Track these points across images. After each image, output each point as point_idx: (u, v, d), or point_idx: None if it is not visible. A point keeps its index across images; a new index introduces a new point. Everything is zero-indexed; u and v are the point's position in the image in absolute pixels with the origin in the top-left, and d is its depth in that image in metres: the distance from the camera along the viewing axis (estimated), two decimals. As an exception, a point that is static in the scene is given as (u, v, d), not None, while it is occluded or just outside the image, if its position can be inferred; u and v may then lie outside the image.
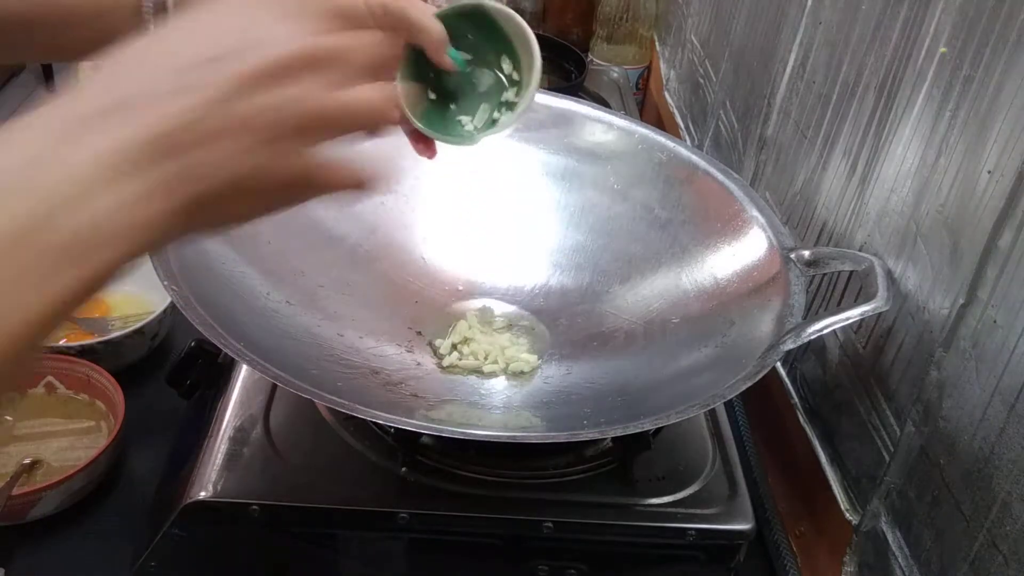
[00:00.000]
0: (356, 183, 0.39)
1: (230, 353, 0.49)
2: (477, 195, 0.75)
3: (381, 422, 0.57)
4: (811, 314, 0.68)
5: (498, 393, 0.64)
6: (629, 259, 0.71)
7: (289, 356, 0.57)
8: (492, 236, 0.74)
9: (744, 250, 0.65)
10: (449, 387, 0.63)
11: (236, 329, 0.53)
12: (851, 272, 0.62)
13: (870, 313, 0.54)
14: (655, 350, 0.65)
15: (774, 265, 0.62)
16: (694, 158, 0.71)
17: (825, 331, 0.54)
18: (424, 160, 0.74)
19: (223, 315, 0.53)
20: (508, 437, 0.53)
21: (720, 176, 0.70)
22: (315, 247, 0.68)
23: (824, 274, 0.65)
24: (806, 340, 0.54)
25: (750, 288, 0.63)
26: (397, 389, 0.61)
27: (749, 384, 0.52)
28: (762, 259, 0.64)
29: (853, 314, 0.54)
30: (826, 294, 0.67)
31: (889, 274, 0.57)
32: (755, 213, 0.66)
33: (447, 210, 0.74)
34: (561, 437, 0.56)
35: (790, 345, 0.54)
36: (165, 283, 0.52)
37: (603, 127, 0.75)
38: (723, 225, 0.68)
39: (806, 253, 0.62)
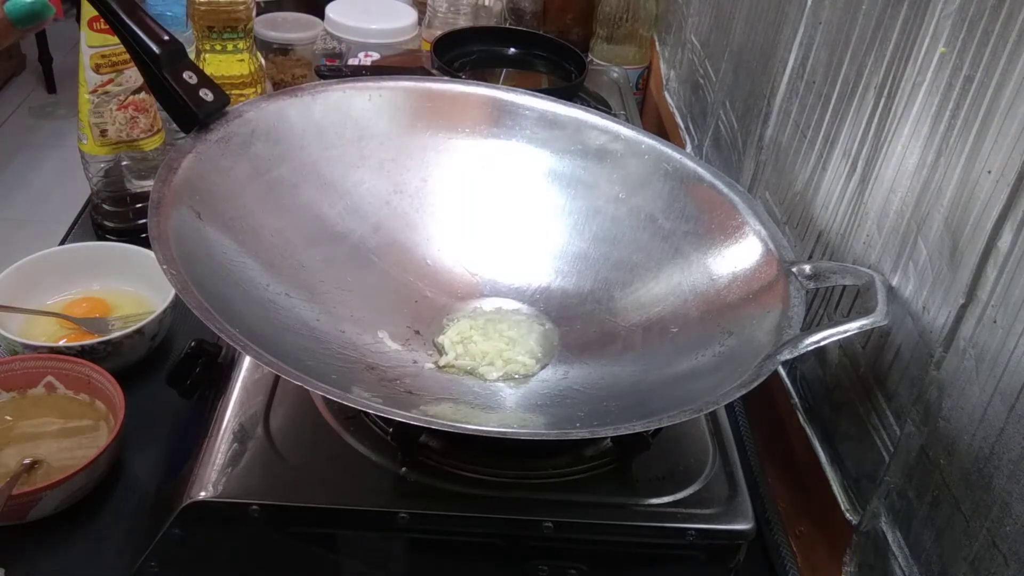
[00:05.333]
0: None
1: (225, 338, 0.49)
2: (482, 198, 0.75)
3: (370, 411, 0.58)
4: (810, 314, 0.69)
5: (493, 394, 0.64)
6: (631, 268, 0.71)
7: (285, 347, 0.57)
8: (495, 239, 0.75)
9: (745, 263, 0.66)
10: (445, 386, 0.63)
11: (233, 317, 0.52)
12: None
13: (868, 327, 0.54)
14: (653, 357, 0.65)
15: (775, 278, 0.62)
16: (699, 170, 0.71)
17: (822, 343, 0.54)
18: (431, 162, 0.74)
19: (221, 302, 0.53)
20: (498, 433, 0.53)
21: (724, 188, 0.70)
22: (317, 242, 0.68)
23: (825, 288, 0.65)
24: (803, 352, 0.54)
25: (750, 300, 0.63)
26: (392, 385, 0.61)
27: (743, 392, 0.52)
28: (763, 272, 0.64)
29: (851, 327, 0.54)
30: (826, 294, 0.67)
31: (890, 289, 0.57)
32: (758, 226, 0.66)
33: (451, 212, 0.74)
34: (551, 435, 0.56)
35: (787, 356, 0.54)
36: (164, 267, 0.52)
37: (609, 136, 0.75)
38: (725, 237, 0.68)
39: (807, 267, 0.62)
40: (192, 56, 0.95)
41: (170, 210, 0.57)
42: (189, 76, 0.63)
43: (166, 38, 0.63)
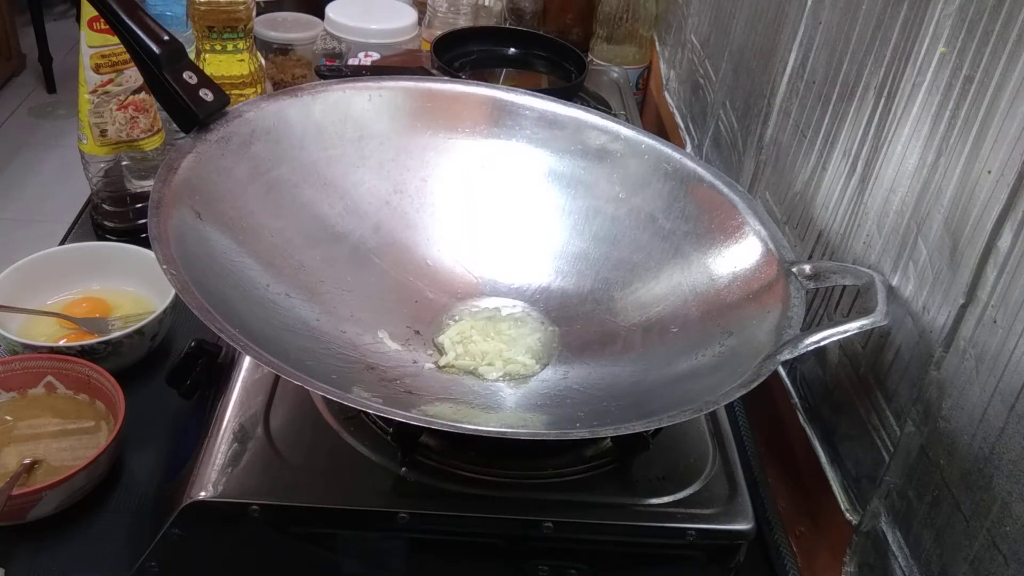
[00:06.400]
0: None
1: (225, 338, 0.49)
2: (482, 198, 0.75)
3: (370, 411, 0.57)
4: (810, 314, 0.69)
5: (493, 394, 0.64)
6: (631, 267, 0.71)
7: (285, 347, 0.57)
8: (495, 239, 0.75)
9: (745, 263, 0.66)
10: (445, 386, 0.63)
11: (233, 317, 0.52)
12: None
13: (868, 327, 0.54)
14: (653, 357, 0.65)
15: (775, 278, 0.62)
16: (699, 169, 0.71)
17: (822, 343, 0.54)
18: (431, 161, 0.74)
19: (221, 303, 0.53)
20: (498, 433, 0.53)
21: (724, 188, 0.70)
22: (318, 242, 0.68)
23: (825, 287, 0.65)
24: (803, 352, 0.54)
25: (750, 300, 0.63)
26: (392, 385, 0.61)
27: (743, 392, 0.52)
28: (763, 272, 0.64)
29: (851, 327, 0.54)
30: (826, 294, 0.67)
31: (890, 289, 0.57)
32: (758, 226, 0.66)
33: (451, 212, 0.74)
34: (551, 435, 0.56)
35: (787, 356, 0.54)
36: (164, 267, 0.52)
37: (609, 136, 0.75)
38: (725, 237, 0.68)
39: (807, 267, 0.62)
40: (192, 56, 0.95)
41: (170, 210, 0.57)
42: (189, 76, 0.63)
43: (166, 38, 0.63)
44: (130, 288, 0.83)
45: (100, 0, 0.62)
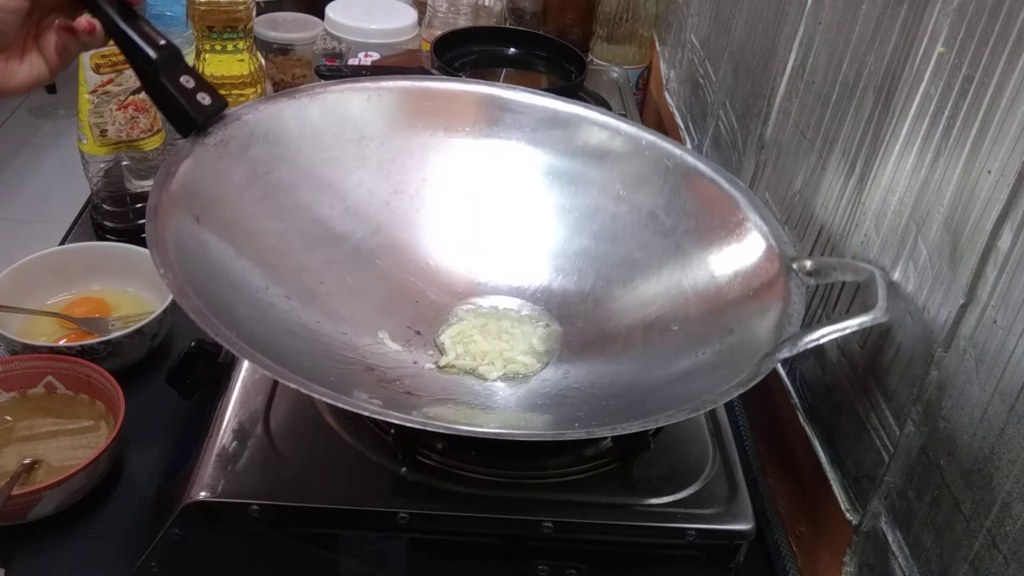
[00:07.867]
0: None
1: (221, 342, 0.49)
2: (482, 197, 0.75)
3: (367, 414, 0.57)
4: (809, 313, 0.69)
5: (493, 394, 0.64)
6: (632, 265, 0.71)
7: (284, 349, 0.57)
8: (496, 238, 0.74)
9: (746, 259, 0.65)
10: (445, 386, 0.63)
11: (231, 320, 0.52)
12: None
13: (868, 324, 0.54)
14: (653, 355, 0.65)
15: (775, 274, 0.62)
16: (700, 165, 0.71)
17: (822, 340, 0.54)
18: (430, 161, 0.74)
19: (218, 305, 0.53)
20: (494, 434, 0.53)
21: (725, 184, 0.69)
22: (317, 244, 0.68)
23: (826, 284, 0.65)
24: (802, 349, 0.54)
25: (751, 297, 0.63)
26: (391, 386, 0.61)
27: (742, 391, 0.52)
28: (764, 268, 0.64)
29: (851, 324, 0.54)
30: (825, 294, 0.67)
31: (890, 285, 0.57)
32: (759, 222, 0.66)
33: (451, 211, 0.74)
34: (548, 436, 0.56)
35: (786, 354, 0.54)
36: (161, 271, 0.52)
37: (610, 133, 0.75)
38: (727, 233, 0.67)
39: (808, 263, 0.61)
40: (192, 56, 0.95)
41: (168, 214, 0.57)
42: (186, 80, 0.63)
43: (162, 43, 0.62)
44: (130, 288, 0.84)
45: (97, 7, 0.62)
